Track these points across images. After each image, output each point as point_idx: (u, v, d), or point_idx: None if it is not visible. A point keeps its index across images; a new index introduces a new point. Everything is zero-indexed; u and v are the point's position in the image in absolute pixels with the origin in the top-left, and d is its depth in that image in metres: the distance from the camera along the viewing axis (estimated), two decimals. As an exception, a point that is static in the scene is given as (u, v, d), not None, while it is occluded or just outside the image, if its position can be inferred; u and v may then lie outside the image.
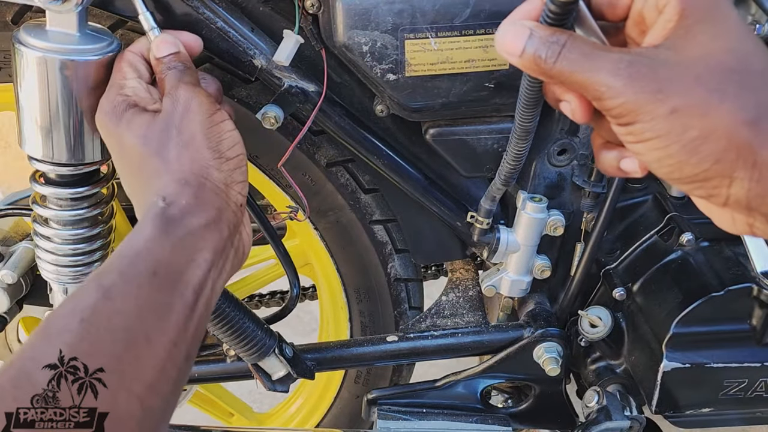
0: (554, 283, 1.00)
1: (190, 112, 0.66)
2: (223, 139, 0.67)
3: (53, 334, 0.53)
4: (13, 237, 1.02)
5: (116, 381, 0.52)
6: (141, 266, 0.57)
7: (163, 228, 0.60)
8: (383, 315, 1.07)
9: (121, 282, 0.56)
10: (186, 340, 0.57)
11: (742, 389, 0.91)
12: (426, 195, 0.92)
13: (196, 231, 0.61)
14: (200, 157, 0.65)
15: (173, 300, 0.57)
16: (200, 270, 0.60)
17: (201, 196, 0.63)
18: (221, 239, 0.63)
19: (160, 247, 0.59)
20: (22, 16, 0.83)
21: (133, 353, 0.53)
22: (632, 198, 1.00)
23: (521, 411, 1.02)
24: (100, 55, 0.71)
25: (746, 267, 0.89)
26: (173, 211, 0.61)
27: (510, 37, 0.53)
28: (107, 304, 0.54)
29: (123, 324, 0.54)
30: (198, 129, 0.66)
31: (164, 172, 0.64)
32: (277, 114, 0.82)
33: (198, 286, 0.60)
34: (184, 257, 0.60)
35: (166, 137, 0.65)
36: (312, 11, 0.78)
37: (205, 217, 0.62)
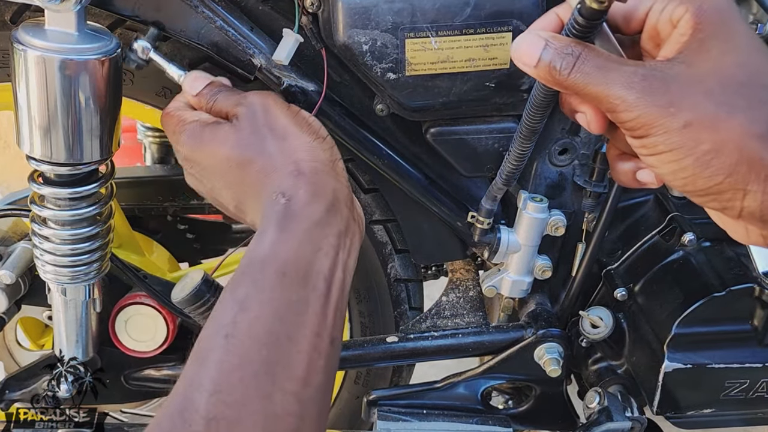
0: (555, 284, 1.00)
1: (271, 108, 0.69)
2: (310, 123, 0.69)
3: (203, 356, 0.56)
4: (11, 237, 1.01)
5: (269, 384, 0.54)
6: (270, 271, 0.59)
7: (286, 225, 0.61)
8: (383, 315, 1.07)
9: (254, 291, 0.58)
10: (327, 328, 0.59)
11: (743, 390, 0.90)
12: (426, 195, 0.91)
13: (319, 219, 0.62)
14: (302, 143, 0.66)
15: (306, 294, 0.59)
16: (328, 257, 0.61)
17: (317, 182, 0.64)
18: (343, 219, 0.64)
19: (286, 245, 0.60)
20: (21, 16, 0.83)
21: (280, 354, 0.55)
22: (633, 198, 1.00)
23: (522, 412, 1.02)
24: (99, 55, 0.71)
25: (748, 267, 0.89)
26: (294, 205, 0.62)
27: (525, 47, 0.54)
28: (245, 315, 0.57)
29: (264, 329, 0.56)
30: (286, 121, 0.68)
31: (273, 170, 0.65)
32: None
33: (329, 273, 0.61)
34: (311, 249, 0.61)
35: (260, 138, 0.67)
36: (312, 10, 0.77)
37: (325, 202, 0.63)
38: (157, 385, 1.02)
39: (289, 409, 0.54)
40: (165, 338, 0.97)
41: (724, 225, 0.54)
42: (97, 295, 0.89)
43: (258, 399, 0.53)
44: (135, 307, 0.96)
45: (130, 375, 1.00)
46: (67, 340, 0.91)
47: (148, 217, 1.24)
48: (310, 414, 0.55)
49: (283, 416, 0.54)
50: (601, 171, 0.89)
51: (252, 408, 0.53)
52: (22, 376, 0.99)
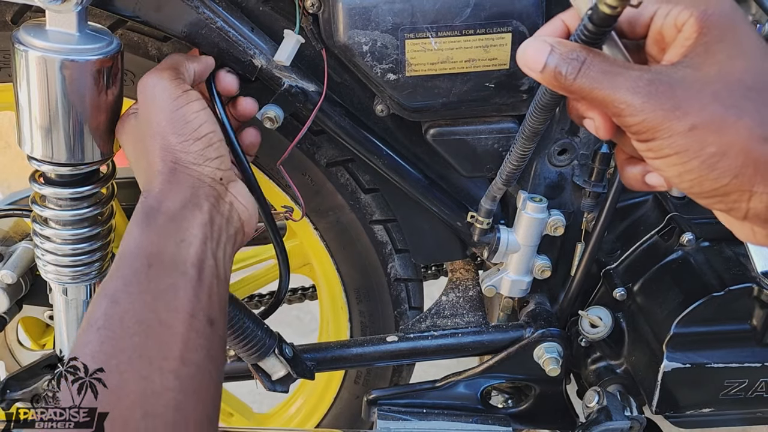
0: (554, 283, 1.00)
1: (155, 100, 0.70)
2: (188, 121, 0.70)
3: (77, 350, 0.59)
4: (12, 237, 1.02)
5: (146, 366, 0.57)
6: (137, 264, 0.62)
7: (146, 221, 0.65)
8: (383, 315, 1.07)
9: (122, 285, 0.61)
10: (202, 309, 0.62)
11: (742, 389, 0.91)
12: (426, 195, 0.92)
13: (175, 213, 0.66)
14: (167, 144, 0.69)
15: (175, 281, 0.62)
16: (193, 246, 0.65)
17: (172, 180, 0.68)
18: (203, 213, 0.68)
19: (148, 240, 0.64)
20: (22, 16, 0.83)
21: (153, 339, 0.58)
22: (633, 198, 1.00)
23: (521, 411, 1.02)
24: (100, 55, 0.71)
25: (747, 267, 0.89)
26: (150, 201, 0.67)
27: (531, 53, 0.54)
28: (116, 307, 0.60)
29: (135, 319, 0.59)
30: (162, 117, 0.70)
31: (144, 168, 0.71)
32: (277, 114, 0.82)
33: (197, 260, 0.64)
34: (173, 241, 0.64)
35: (140, 134, 0.71)
36: (312, 11, 0.78)
37: (179, 198, 0.67)
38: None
39: (168, 385, 0.57)
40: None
41: (731, 226, 0.55)
42: (98, 294, 0.89)
43: (135, 380, 0.56)
44: (135, 306, 0.96)
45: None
46: (68, 339, 0.91)
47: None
48: (191, 388, 0.58)
49: (163, 392, 0.56)
50: (600, 171, 0.90)
51: (129, 389, 0.56)
52: (22, 376, 0.99)
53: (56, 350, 0.93)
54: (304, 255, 1.13)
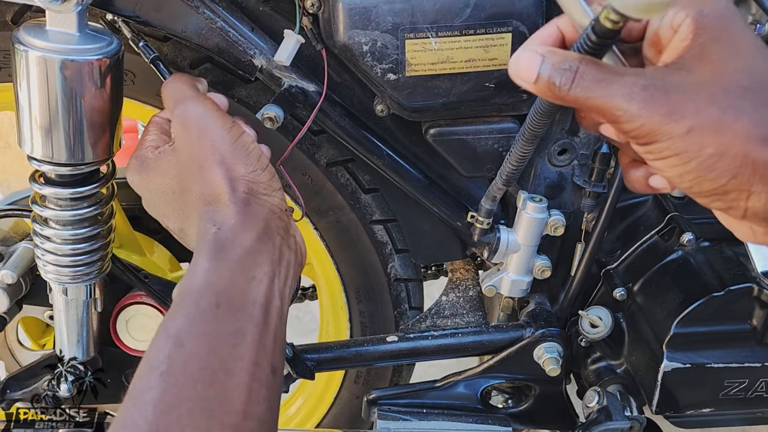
0: (554, 283, 1.00)
1: (207, 131, 0.66)
2: (250, 152, 0.67)
3: (138, 396, 0.55)
4: (12, 237, 1.02)
5: (206, 420, 0.53)
6: (203, 303, 0.58)
7: (217, 255, 0.61)
8: (383, 315, 1.07)
9: (187, 325, 0.57)
10: (267, 356, 0.59)
11: (742, 389, 0.91)
12: (426, 195, 0.92)
13: (250, 247, 0.62)
14: (236, 175, 0.65)
15: (242, 324, 0.58)
16: (263, 285, 0.61)
17: (247, 211, 0.64)
18: (275, 247, 0.64)
19: (218, 276, 0.60)
20: (22, 16, 0.83)
21: (216, 388, 0.55)
22: (633, 198, 1.00)
23: (521, 411, 1.02)
24: (100, 55, 0.71)
25: (747, 267, 0.89)
26: (225, 234, 0.62)
27: (523, 64, 0.54)
28: (180, 351, 0.56)
29: (199, 365, 0.55)
30: (224, 148, 0.66)
31: (208, 199, 0.65)
32: (277, 114, 0.81)
33: (264, 301, 0.61)
34: (244, 278, 0.60)
35: (195, 166, 0.66)
36: (312, 11, 0.78)
37: (255, 230, 0.63)
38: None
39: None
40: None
41: (730, 225, 0.55)
42: (99, 294, 0.89)
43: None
44: (136, 306, 0.96)
45: (131, 374, 1.00)
46: (68, 339, 0.91)
47: (148, 217, 1.24)
48: None
49: None
50: (600, 171, 0.90)
51: None
52: (22, 376, 0.99)
53: (56, 350, 0.93)
54: (304, 255, 1.13)
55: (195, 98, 0.69)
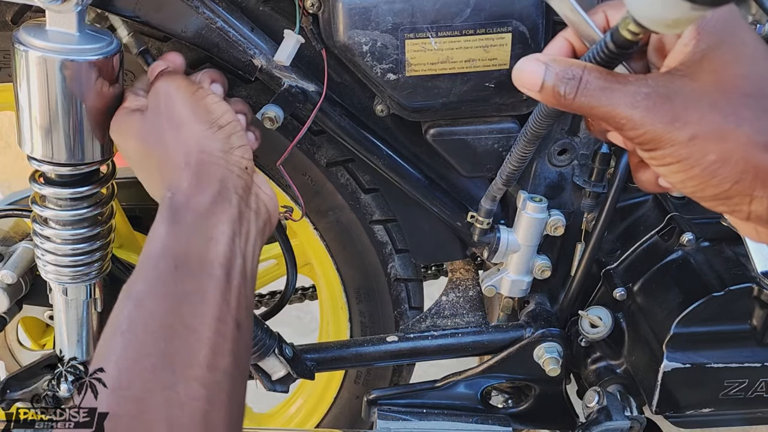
0: (554, 283, 1.00)
1: (172, 96, 0.68)
2: (211, 111, 0.68)
3: (101, 354, 0.57)
4: (12, 237, 1.02)
5: (170, 375, 0.55)
6: (162, 266, 0.60)
7: (173, 218, 0.62)
8: (383, 315, 1.07)
9: (146, 287, 0.59)
10: (230, 312, 0.60)
11: (742, 389, 0.91)
12: (426, 195, 0.92)
13: (205, 209, 0.63)
14: (192, 133, 0.66)
15: (202, 283, 0.60)
16: (221, 245, 0.62)
17: (201, 172, 0.64)
18: (232, 207, 0.64)
19: (175, 239, 0.61)
20: (22, 16, 0.83)
21: (178, 344, 0.56)
22: (633, 198, 1.00)
23: (521, 411, 1.02)
24: (100, 55, 0.71)
25: (747, 267, 0.89)
26: (179, 198, 0.63)
27: (527, 74, 0.55)
28: (140, 311, 0.58)
29: (159, 323, 0.57)
30: (184, 109, 0.67)
31: (165, 163, 0.66)
32: (277, 114, 0.82)
33: (225, 260, 0.61)
34: (201, 239, 0.61)
35: (158, 129, 0.68)
36: (312, 11, 0.78)
37: (210, 192, 0.64)
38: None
39: (194, 394, 0.55)
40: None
41: (736, 225, 0.56)
42: (98, 294, 0.89)
43: (159, 390, 0.54)
44: (136, 306, 0.96)
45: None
46: (68, 339, 0.91)
47: (148, 217, 1.24)
48: (218, 396, 0.56)
49: (189, 402, 0.55)
50: (600, 171, 0.90)
51: (153, 400, 0.54)
52: (22, 376, 0.99)
53: (56, 350, 0.93)
54: (304, 255, 1.13)
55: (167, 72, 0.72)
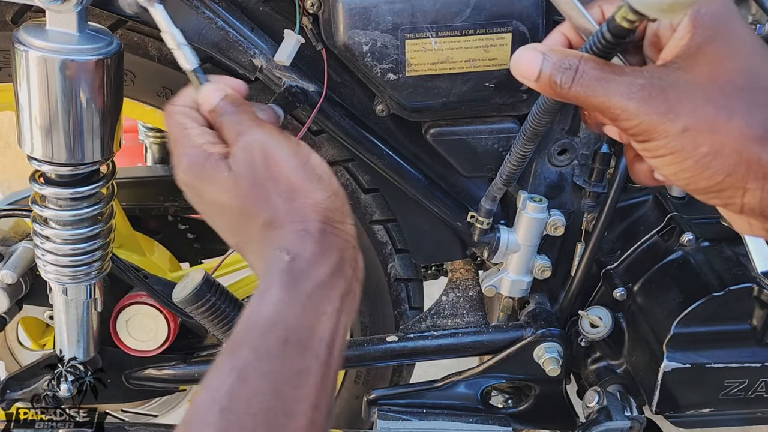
0: (554, 283, 1.00)
1: (272, 156, 0.62)
2: (321, 175, 0.63)
3: (196, 429, 0.52)
4: (12, 237, 1.02)
5: None
6: (272, 337, 0.55)
7: (291, 286, 0.57)
8: (383, 315, 1.07)
9: (254, 359, 0.54)
10: (325, 398, 0.56)
11: (742, 389, 0.91)
12: (426, 195, 0.92)
13: (324, 281, 0.58)
14: (313, 201, 0.61)
15: (308, 364, 0.55)
16: (331, 321, 0.58)
17: (324, 242, 0.59)
18: (347, 281, 0.60)
19: (290, 309, 0.56)
20: (22, 16, 0.83)
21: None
22: (633, 198, 1.00)
23: (521, 411, 1.02)
24: (100, 55, 0.71)
25: (747, 267, 0.89)
26: (300, 265, 0.58)
27: (525, 63, 0.55)
28: (243, 387, 0.53)
29: (261, 405, 0.52)
30: (293, 174, 0.61)
31: (278, 225, 0.60)
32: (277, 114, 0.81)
33: (331, 339, 0.57)
34: (314, 313, 0.57)
35: (263, 191, 0.61)
36: (312, 11, 0.78)
37: (330, 263, 0.59)
38: (158, 385, 1.02)
39: None
40: (166, 338, 0.97)
41: (729, 218, 0.56)
42: (98, 294, 0.89)
43: None
44: (136, 306, 0.96)
45: (131, 374, 1.00)
46: (68, 339, 0.91)
47: (149, 217, 1.24)
48: None
49: None
50: (600, 171, 0.90)
51: None
52: (22, 376, 0.99)
53: (56, 350, 0.93)
54: (304, 255, 1.13)
55: (255, 124, 0.64)
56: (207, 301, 0.80)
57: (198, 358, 1.01)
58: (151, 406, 1.16)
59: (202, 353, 1.01)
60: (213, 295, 0.80)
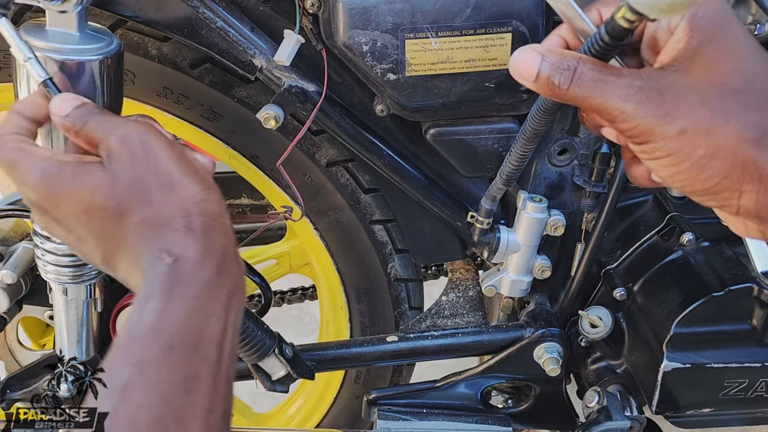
0: (554, 283, 1.00)
1: (152, 147, 0.59)
2: (198, 167, 0.61)
3: None
4: (12, 237, 1.02)
5: None
6: (155, 347, 0.52)
7: (172, 290, 0.54)
8: (383, 315, 1.07)
9: (137, 375, 0.51)
10: (219, 400, 0.53)
11: (742, 389, 0.91)
12: (426, 195, 0.92)
13: (210, 281, 0.55)
14: (191, 194, 0.58)
15: (197, 367, 0.52)
16: (220, 321, 0.55)
17: (207, 239, 0.56)
18: (233, 277, 0.57)
19: (173, 314, 0.53)
20: (22, 16, 0.83)
21: None
22: (633, 198, 1.00)
23: (521, 411, 1.02)
24: (100, 56, 0.71)
25: (747, 267, 0.89)
26: (183, 267, 0.54)
27: (524, 63, 0.55)
28: (127, 406, 0.50)
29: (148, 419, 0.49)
30: (172, 165, 0.59)
31: (157, 224, 0.56)
32: (277, 114, 0.82)
33: (220, 339, 0.54)
34: (202, 315, 0.54)
35: (141, 185, 0.58)
36: (312, 11, 0.78)
37: (215, 261, 0.56)
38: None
39: None
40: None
41: (725, 220, 0.56)
42: (98, 294, 0.89)
43: None
44: (135, 306, 0.96)
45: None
46: (68, 339, 0.91)
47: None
48: None
49: None
50: (600, 171, 0.90)
51: None
52: (22, 376, 0.99)
53: (56, 350, 0.93)
54: (304, 255, 1.13)
55: (124, 119, 0.63)
56: (207, 301, 0.80)
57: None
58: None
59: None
60: (213, 295, 0.80)
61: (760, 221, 0.52)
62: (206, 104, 0.90)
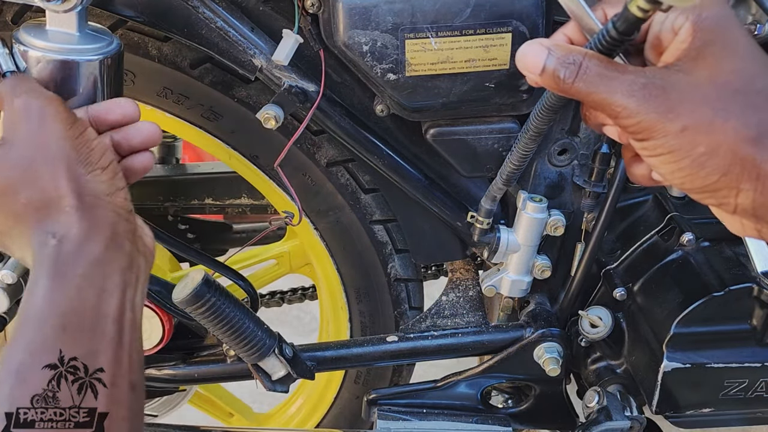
0: (554, 283, 1.00)
1: (47, 124, 0.59)
2: (92, 149, 0.61)
3: None
4: (12, 237, 1.01)
5: None
6: (47, 328, 0.53)
7: (60, 270, 0.55)
8: (383, 315, 1.07)
9: (30, 359, 0.53)
10: (124, 375, 0.55)
11: (742, 389, 0.91)
12: (426, 195, 0.92)
13: (98, 258, 0.56)
14: (76, 174, 0.58)
15: (94, 345, 0.54)
16: (114, 297, 0.56)
17: (92, 217, 0.57)
18: (125, 254, 0.58)
19: (63, 295, 0.54)
20: (22, 16, 0.83)
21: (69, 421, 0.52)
22: (633, 198, 1.00)
23: (521, 411, 1.02)
24: (100, 55, 0.71)
25: (747, 267, 0.89)
26: (68, 247, 0.55)
27: (530, 57, 0.56)
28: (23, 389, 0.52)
29: None
30: (64, 144, 0.59)
31: (42, 204, 0.57)
32: (277, 114, 0.82)
33: (117, 314, 0.56)
34: (93, 292, 0.55)
35: (27, 161, 0.58)
36: (312, 11, 0.78)
37: (102, 238, 0.57)
38: (157, 385, 1.02)
39: None
40: (160, 339, 0.97)
41: (722, 218, 0.57)
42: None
43: None
44: (134, 306, 0.96)
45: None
46: (68, 339, 0.91)
47: (148, 217, 1.24)
48: None
49: None
50: (600, 171, 0.90)
51: None
52: (23, 376, 0.99)
53: (56, 350, 0.93)
54: (304, 255, 1.13)
55: (37, 90, 0.62)
56: (207, 302, 0.80)
57: (198, 358, 1.01)
58: (152, 406, 1.16)
59: (202, 353, 1.01)
60: (213, 295, 0.80)
61: (757, 220, 0.53)
62: (206, 104, 0.90)
